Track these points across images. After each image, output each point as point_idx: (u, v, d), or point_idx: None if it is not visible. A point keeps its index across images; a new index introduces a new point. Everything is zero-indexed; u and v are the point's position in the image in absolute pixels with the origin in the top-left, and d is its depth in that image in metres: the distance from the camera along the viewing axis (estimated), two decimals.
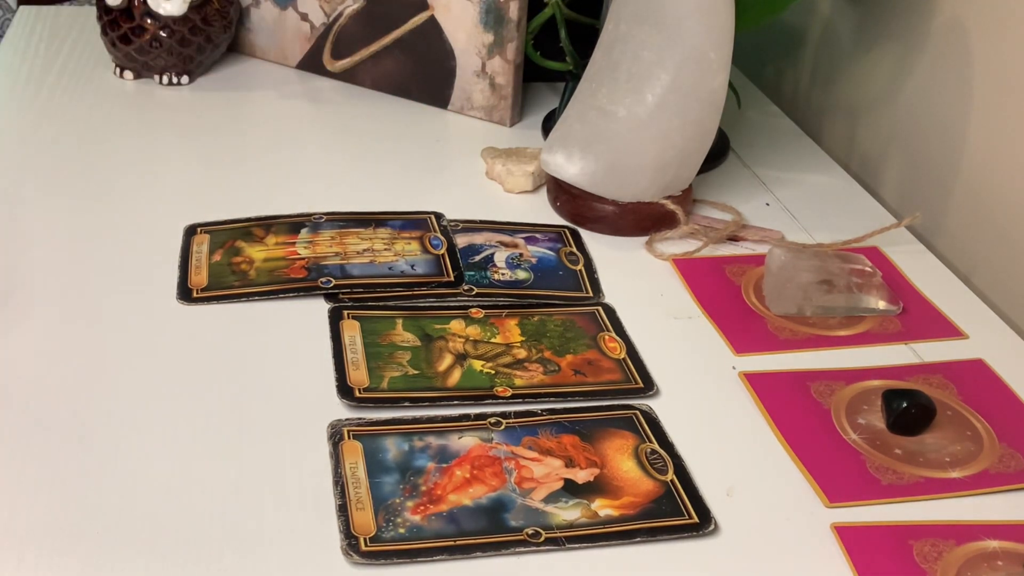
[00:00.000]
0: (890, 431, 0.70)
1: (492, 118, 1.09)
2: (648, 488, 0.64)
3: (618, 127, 0.87)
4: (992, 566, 0.60)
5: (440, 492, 0.62)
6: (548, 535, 0.60)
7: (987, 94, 0.92)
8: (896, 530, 0.62)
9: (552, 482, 0.64)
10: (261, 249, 0.84)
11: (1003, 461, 0.68)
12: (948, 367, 0.77)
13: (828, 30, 1.16)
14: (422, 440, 0.66)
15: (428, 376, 0.72)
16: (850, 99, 1.11)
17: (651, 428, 0.69)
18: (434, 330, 0.76)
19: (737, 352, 0.77)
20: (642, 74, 0.86)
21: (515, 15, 1.03)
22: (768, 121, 1.15)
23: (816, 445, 0.69)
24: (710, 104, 0.88)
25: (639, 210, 0.90)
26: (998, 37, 0.91)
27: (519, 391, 0.71)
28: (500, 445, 0.66)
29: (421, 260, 0.84)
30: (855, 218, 0.95)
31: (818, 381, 0.75)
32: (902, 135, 1.03)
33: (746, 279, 0.85)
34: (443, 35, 1.08)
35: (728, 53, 0.86)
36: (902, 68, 1.03)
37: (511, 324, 0.78)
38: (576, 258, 0.87)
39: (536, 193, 0.96)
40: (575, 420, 0.69)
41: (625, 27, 0.87)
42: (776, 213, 0.96)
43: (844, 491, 0.65)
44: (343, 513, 0.60)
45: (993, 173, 0.92)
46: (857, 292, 0.82)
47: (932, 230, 0.97)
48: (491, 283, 0.82)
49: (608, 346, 0.76)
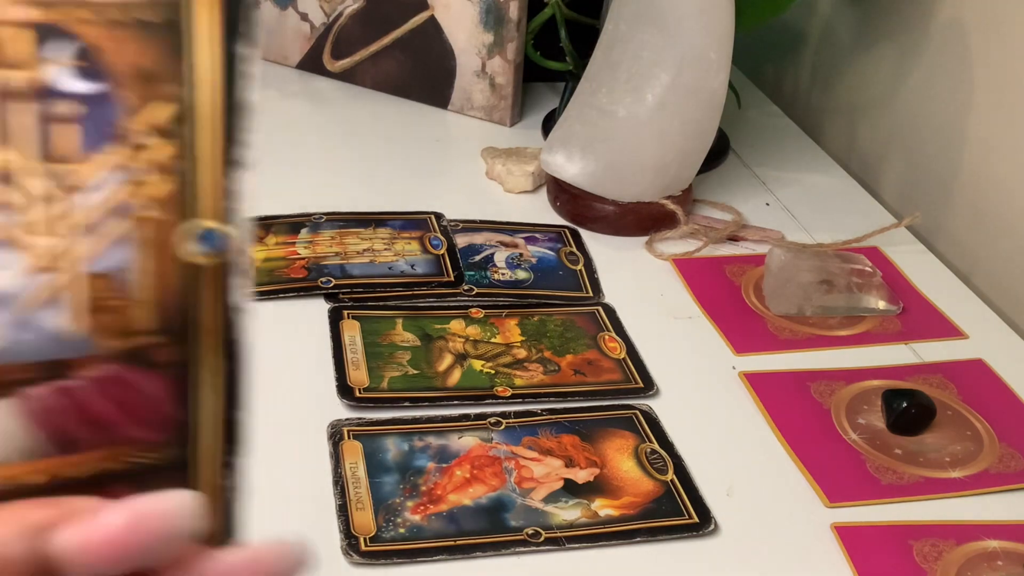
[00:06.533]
0: (890, 431, 0.70)
1: (492, 118, 1.09)
2: (648, 488, 0.64)
3: (618, 127, 0.87)
4: (992, 566, 0.60)
5: (440, 492, 0.62)
6: (548, 535, 0.60)
7: (987, 94, 0.92)
8: (896, 530, 0.62)
9: (552, 482, 0.64)
10: (261, 249, 0.84)
11: (1003, 461, 0.68)
12: (948, 367, 0.77)
13: (828, 30, 1.16)
14: (422, 440, 0.66)
15: (428, 376, 0.72)
16: (850, 99, 1.11)
17: (651, 428, 0.69)
18: (434, 330, 0.76)
19: (737, 352, 0.77)
20: (642, 74, 0.86)
21: (515, 15, 1.03)
22: (768, 121, 1.14)
23: (816, 445, 0.69)
24: (710, 104, 0.88)
25: (639, 210, 0.90)
26: (998, 37, 0.91)
27: (519, 391, 0.71)
28: (500, 445, 0.66)
29: (421, 260, 0.84)
30: (855, 218, 0.95)
31: (818, 381, 0.75)
32: (902, 135, 1.03)
33: (746, 279, 0.85)
34: (443, 35, 1.08)
35: (728, 53, 0.86)
36: (902, 68, 1.03)
37: (511, 324, 0.78)
38: (576, 258, 0.87)
39: (536, 193, 0.96)
40: (575, 420, 0.69)
41: (625, 27, 0.87)
42: (776, 213, 0.96)
43: (844, 491, 0.65)
44: (343, 513, 0.60)
45: (993, 173, 0.92)
46: (857, 292, 0.82)
47: (932, 230, 0.97)
48: (491, 283, 0.82)
49: (608, 346, 0.76)
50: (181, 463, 0.28)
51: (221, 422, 0.28)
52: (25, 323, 0.26)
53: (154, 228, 0.26)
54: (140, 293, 0.27)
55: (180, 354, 0.27)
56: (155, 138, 0.26)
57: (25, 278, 0.26)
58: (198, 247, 0.27)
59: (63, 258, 0.26)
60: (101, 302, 0.26)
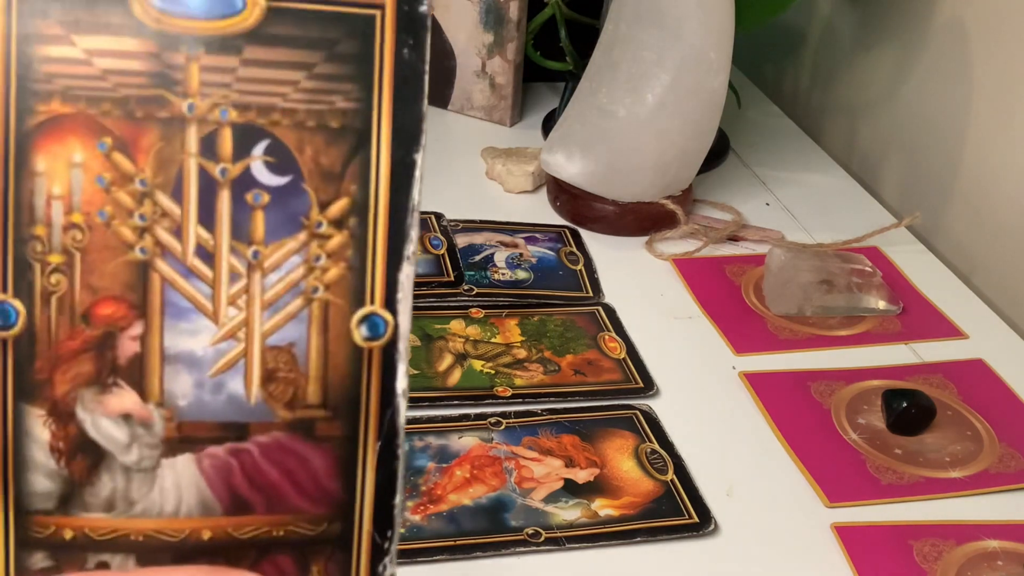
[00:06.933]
0: (890, 431, 0.70)
1: (492, 118, 1.09)
2: (648, 488, 0.64)
3: (618, 127, 0.87)
4: (992, 566, 0.60)
5: (440, 492, 0.62)
6: (548, 535, 0.60)
7: (987, 94, 0.92)
8: (896, 530, 0.62)
9: (552, 482, 0.64)
10: None
11: (1003, 461, 0.68)
12: (948, 367, 0.77)
13: (828, 30, 1.16)
14: (422, 440, 0.66)
15: (428, 376, 0.72)
16: (850, 99, 1.11)
17: (651, 428, 0.69)
18: (434, 330, 0.76)
19: (737, 352, 0.77)
20: (642, 74, 0.86)
21: (515, 15, 1.03)
22: (768, 121, 1.14)
23: (816, 445, 0.69)
24: (710, 104, 0.88)
25: (639, 210, 0.90)
26: (998, 37, 0.91)
27: (519, 391, 0.71)
28: (500, 445, 0.66)
29: (421, 260, 0.84)
30: (855, 218, 0.95)
31: (818, 381, 0.75)
32: (902, 135, 1.03)
33: (746, 279, 0.85)
34: (443, 35, 1.08)
35: (728, 53, 0.86)
36: (902, 68, 1.03)
37: (511, 324, 0.78)
38: (576, 258, 0.87)
39: (536, 193, 0.96)
40: (575, 420, 0.69)
41: (625, 27, 0.87)
42: (776, 213, 0.96)
43: (844, 491, 0.65)
44: None
45: (993, 173, 0.92)
46: (857, 292, 0.82)
47: (932, 230, 0.97)
48: (491, 283, 0.82)
49: (608, 346, 0.76)
50: (340, 540, 0.30)
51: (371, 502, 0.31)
52: (210, 386, 0.29)
53: (327, 310, 0.30)
54: (310, 369, 0.30)
55: (342, 430, 0.30)
56: (332, 229, 0.29)
57: (213, 345, 0.29)
58: (365, 331, 0.30)
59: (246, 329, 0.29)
60: (275, 373, 0.29)
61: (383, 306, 0.31)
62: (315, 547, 0.30)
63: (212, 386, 0.29)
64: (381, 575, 0.31)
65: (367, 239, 0.30)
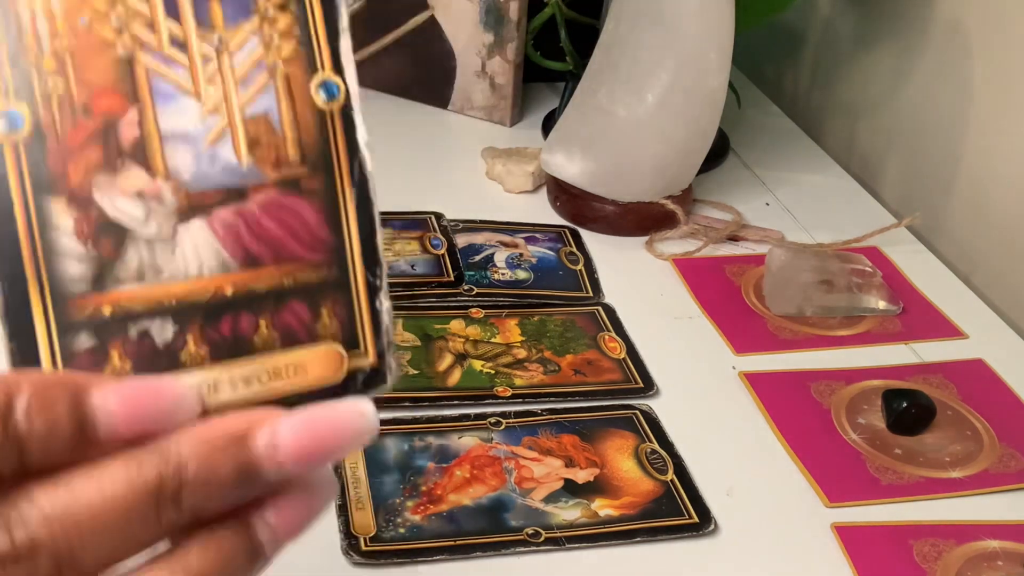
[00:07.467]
0: (890, 431, 0.70)
1: (492, 118, 1.09)
2: (648, 488, 0.64)
3: (618, 127, 0.87)
4: (992, 566, 0.60)
5: (440, 492, 0.62)
6: (548, 535, 0.60)
7: (987, 94, 0.92)
8: (896, 530, 0.62)
9: (552, 482, 0.64)
10: None
11: (1003, 461, 0.68)
12: (948, 367, 0.77)
13: (828, 30, 1.16)
14: (422, 440, 0.66)
15: (428, 376, 0.72)
16: (850, 99, 1.11)
17: (651, 428, 0.69)
18: (434, 330, 0.76)
19: (737, 352, 0.77)
20: (642, 74, 0.86)
21: (515, 15, 1.03)
22: (768, 121, 1.15)
23: (816, 445, 0.69)
24: (710, 104, 0.88)
25: (639, 210, 0.90)
26: (998, 37, 0.91)
27: (519, 391, 0.71)
28: (500, 445, 0.66)
29: (421, 260, 0.84)
30: (855, 218, 0.95)
31: (818, 381, 0.75)
32: (902, 135, 1.03)
33: (746, 279, 0.85)
34: (443, 35, 1.08)
35: (728, 53, 0.86)
36: (902, 68, 1.03)
37: (511, 324, 0.78)
38: (576, 258, 0.87)
39: (536, 193, 0.96)
40: (575, 420, 0.69)
41: (625, 27, 0.87)
42: (776, 213, 0.96)
43: (844, 491, 0.65)
44: (343, 513, 0.60)
45: (993, 173, 0.92)
46: (857, 292, 0.82)
47: (932, 230, 0.97)
48: (491, 283, 0.82)
49: (608, 346, 0.76)
50: (339, 283, 0.34)
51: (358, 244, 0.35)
52: (206, 157, 0.33)
53: (288, 81, 0.34)
54: (285, 132, 0.34)
55: (323, 183, 0.34)
56: (278, 13, 0.34)
57: (201, 121, 0.33)
58: (323, 95, 0.34)
59: (226, 104, 0.34)
60: (258, 140, 0.34)
61: (333, 72, 0.35)
62: (321, 292, 0.34)
63: (208, 157, 0.33)
64: (379, 309, 0.35)
65: (307, 18, 0.35)
